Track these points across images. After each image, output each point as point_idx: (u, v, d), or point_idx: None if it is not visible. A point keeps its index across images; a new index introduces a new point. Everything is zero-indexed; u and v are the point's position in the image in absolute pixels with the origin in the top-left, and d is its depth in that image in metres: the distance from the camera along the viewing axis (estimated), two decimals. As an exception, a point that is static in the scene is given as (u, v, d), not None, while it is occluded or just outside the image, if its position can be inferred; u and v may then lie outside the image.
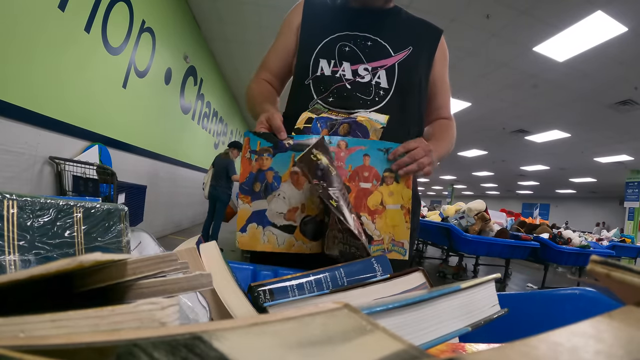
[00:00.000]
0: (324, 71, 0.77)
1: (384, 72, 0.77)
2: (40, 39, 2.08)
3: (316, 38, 0.79)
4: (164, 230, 4.62)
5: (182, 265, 0.26)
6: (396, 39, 0.80)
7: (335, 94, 0.76)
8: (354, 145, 0.66)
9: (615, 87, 4.70)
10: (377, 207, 0.64)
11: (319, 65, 0.77)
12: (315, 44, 0.79)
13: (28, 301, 0.21)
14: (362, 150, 0.65)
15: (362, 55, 0.77)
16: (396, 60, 0.78)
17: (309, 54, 0.79)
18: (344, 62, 0.77)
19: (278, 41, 0.88)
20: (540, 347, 0.12)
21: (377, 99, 0.76)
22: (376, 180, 0.65)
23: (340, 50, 0.77)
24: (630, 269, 0.18)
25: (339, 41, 0.78)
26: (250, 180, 0.64)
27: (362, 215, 0.64)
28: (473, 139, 8.54)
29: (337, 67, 0.77)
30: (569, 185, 14.42)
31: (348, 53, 0.77)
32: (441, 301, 0.30)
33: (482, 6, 3.44)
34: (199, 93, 5.43)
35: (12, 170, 2.00)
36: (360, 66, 0.77)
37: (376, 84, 0.77)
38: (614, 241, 5.51)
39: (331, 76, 0.77)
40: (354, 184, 0.65)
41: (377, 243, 0.63)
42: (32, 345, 0.11)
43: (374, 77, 0.77)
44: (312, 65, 0.78)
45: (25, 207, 0.35)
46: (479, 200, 3.70)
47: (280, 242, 0.64)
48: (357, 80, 0.76)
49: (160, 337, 0.13)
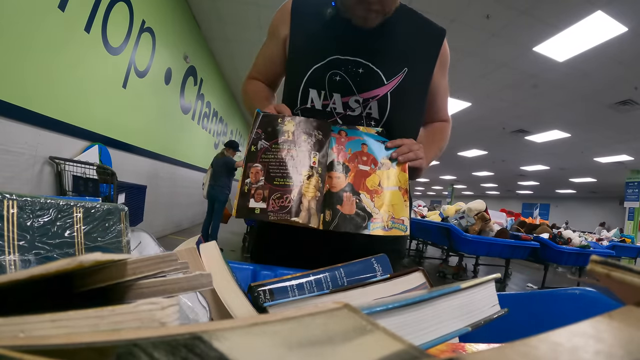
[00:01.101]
0: (314, 104, 0.76)
1: (375, 104, 0.75)
2: (40, 39, 2.08)
3: (305, 61, 0.76)
4: (164, 230, 4.62)
5: (182, 265, 0.26)
6: (390, 62, 0.75)
7: None
8: (352, 135, 0.70)
9: (615, 87, 4.70)
10: (376, 187, 0.66)
11: (309, 96, 0.76)
12: (305, 68, 0.76)
13: (28, 301, 0.21)
14: (361, 140, 0.69)
15: (353, 85, 0.74)
16: (388, 89, 0.75)
17: (299, 79, 0.76)
18: (335, 93, 0.75)
19: (266, 48, 0.88)
20: (540, 347, 0.12)
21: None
22: (374, 165, 0.68)
23: (331, 80, 0.75)
24: (630, 269, 0.18)
25: (329, 69, 0.74)
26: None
27: (362, 193, 0.65)
28: (473, 139, 8.54)
29: (327, 100, 0.75)
30: (569, 185, 14.42)
31: (339, 83, 0.74)
32: (441, 301, 0.30)
33: (482, 6, 3.44)
34: (199, 93, 5.43)
35: (12, 170, 2.00)
36: (351, 98, 0.75)
37: (367, 115, 0.76)
38: (614, 241, 5.51)
39: (322, 110, 0.75)
40: (353, 165, 0.67)
41: (376, 220, 0.64)
42: (32, 345, 0.11)
43: (365, 109, 0.75)
44: (301, 94, 0.76)
45: (25, 207, 0.35)
46: (479, 200, 3.71)
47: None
48: (347, 113, 0.76)
49: (160, 337, 0.13)
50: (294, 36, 0.79)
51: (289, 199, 0.60)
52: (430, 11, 3.52)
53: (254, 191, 0.61)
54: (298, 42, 0.79)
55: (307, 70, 0.76)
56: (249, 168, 0.63)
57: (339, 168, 0.66)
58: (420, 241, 5.67)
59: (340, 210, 0.63)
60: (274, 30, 0.84)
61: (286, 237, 0.79)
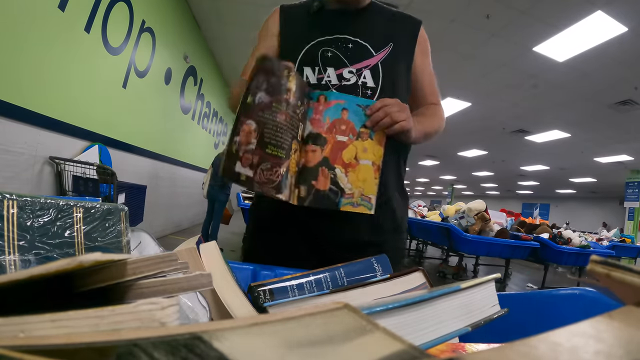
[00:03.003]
0: (309, 79, 0.78)
1: (368, 72, 0.78)
2: (40, 39, 2.08)
3: (297, 45, 0.80)
4: (164, 230, 4.62)
5: (182, 265, 0.26)
6: (376, 38, 0.81)
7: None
8: (333, 98, 0.67)
9: (615, 87, 4.70)
10: (351, 160, 0.65)
11: (304, 73, 0.78)
12: (297, 51, 0.79)
13: (28, 301, 0.21)
14: (341, 105, 0.66)
15: (345, 58, 0.78)
16: (379, 59, 0.79)
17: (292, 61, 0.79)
18: (328, 67, 0.78)
19: (259, 47, 0.88)
20: (540, 347, 0.12)
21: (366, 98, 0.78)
22: (352, 135, 0.66)
23: (323, 56, 0.78)
24: (630, 269, 0.18)
25: (320, 47, 0.79)
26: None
27: (337, 167, 0.64)
28: (473, 139, 8.54)
29: (322, 73, 0.78)
30: (569, 185, 14.41)
31: (331, 58, 0.78)
32: (441, 301, 0.30)
33: (482, 6, 3.44)
34: (199, 93, 5.43)
35: (12, 170, 2.00)
36: (344, 70, 0.78)
37: (362, 84, 0.78)
38: (614, 241, 5.51)
39: (317, 84, 0.78)
40: (330, 136, 0.65)
41: (348, 196, 0.64)
42: (32, 345, 0.11)
43: (360, 77, 0.78)
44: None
45: (25, 207, 0.35)
46: (479, 200, 3.71)
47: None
48: (343, 84, 0.77)
49: (160, 337, 0.13)
50: (284, 29, 0.84)
51: (278, 174, 0.58)
52: (430, 11, 3.53)
53: (242, 154, 0.56)
54: (289, 32, 0.83)
55: (299, 51, 0.79)
56: (241, 123, 0.56)
57: (315, 140, 0.64)
58: (420, 241, 5.67)
59: (315, 186, 0.63)
60: (265, 30, 0.88)
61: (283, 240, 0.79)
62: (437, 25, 3.77)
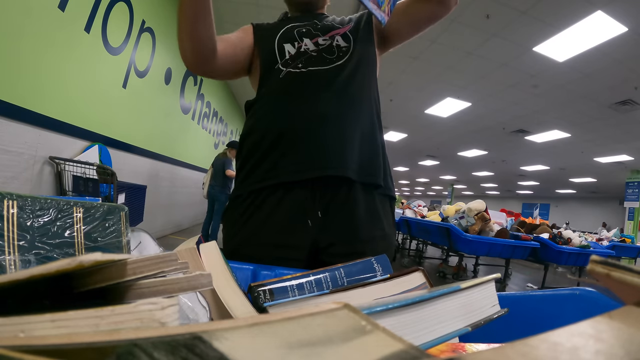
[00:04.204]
0: (290, 52, 0.85)
1: (340, 37, 0.87)
2: (40, 39, 2.08)
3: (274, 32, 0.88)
4: (164, 230, 4.62)
5: (182, 265, 0.26)
6: (339, 22, 0.92)
7: (303, 61, 0.84)
8: None
9: (615, 87, 4.70)
10: None
11: (285, 49, 0.85)
12: (275, 34, 0.87)
13: (28, 301, 0.21)
14: None
15: (317, 32, 0.88)
16: (345, 30, 0.89)
17: (271, 40, 0.87)
18: (304, 38, 0.86)
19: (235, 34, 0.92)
20: (540, 347, 0.12)
21: (340, 54, 0.85)
22: None
23: (299, 32, 0.87)
24: (631, 269, 0.18)
25: (294, 28, 0.88)
26: None
27: None
28: (473, 139, 8.54)
29: (300, 43, 0.86)
30: (569, 185, 14.41)
31: (306, 32, 0.87)
32: (441, 301, 0.30)
33: (482, 6, 3.44)
34: (199, 93, 5.43)
35: (12, 170, 2.00)
36: (318, 38, 0.86)
37: (337, 45, 0.86)
38: (614, 241, 5.51)
39: (297, 52, 0.85)
40: None
41: None
42: (32, 345, 0.11)
43: (333, 41, 0.87)
44: (277, 49, 0.85)
45: (25, 207, 0.35)
46: (479, 200, 3.70)
47: None
48: (320, 48, 0.85)
49: (160, 337, 0.13)
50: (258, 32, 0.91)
51: None
52: (430, 11, 3.52)
53: None
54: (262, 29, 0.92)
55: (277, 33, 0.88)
56: None
57: None
58: (420, 241, 5.67)
59: None
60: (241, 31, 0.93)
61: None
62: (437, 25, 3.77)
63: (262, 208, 0.78)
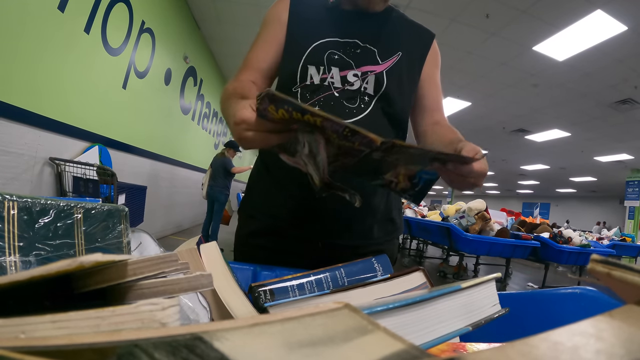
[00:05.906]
0: (313, 80, 0.75)
1: (373, 78, 0.76)
2: (40, 40, 2.08)
3: (305, 40, 0.77)
4: (164, 230, 4.62)
5: (182, 266, 0.26)
6: (385, 45, 0.78)
7: (322, 102, 0.75)
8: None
9: (615, 86, 4.70)
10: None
11: (308, 72, 0.76)
12: (304, 47, 0.76)
13: (29, 302, 0.21)
14: None
15: (350, 59, 0.76)
16: (384, 67, 0.77)
17: (297, 58, 0.76)
18: (333, 67, 0.75)
19: (265, 34, 0.81)
20: (541, 347, 0.12)
21: (362, 106, 0.76)
22: None
23: (329, 58, 0.76)
24: (631, 268, 0.18)
25: (327, 48, 0.76)
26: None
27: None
28: (473, 138, 8.43)
29: (326, 74, 0.75)
30: (569, 185, 14.41)
31: (337, 60, 0.76)
32: (442, 301, 0.30)
33: (482, 6, 3.44)
34: (199, 93, 5.43)
35: (12, 172, 2.00)
36: (349, 72, 0.75)
37: (363, 90, 0.75)
38: (615, 240, 5.51)
39: (320, 84, 0.75)
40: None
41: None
42: (32, 346, 0.11)
43: (363, 82, 0.76)
44: (300, 72, 0.76)
45: (25, 208, 0.35)
46: (479, 199, 3.71)
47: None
48: (346, 88, 0.75)
49: (160, 338, 0.13)
50: (293, 19, 0.79)
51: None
52: (430, 11, 3.52)
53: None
54: (297, 25, 0.79)
55: (306, 48, 0.76)
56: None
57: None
58: (420, 241, 5.67)
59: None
60: (273, 17, 0.82)
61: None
62: (437, 25, 3.77)
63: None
